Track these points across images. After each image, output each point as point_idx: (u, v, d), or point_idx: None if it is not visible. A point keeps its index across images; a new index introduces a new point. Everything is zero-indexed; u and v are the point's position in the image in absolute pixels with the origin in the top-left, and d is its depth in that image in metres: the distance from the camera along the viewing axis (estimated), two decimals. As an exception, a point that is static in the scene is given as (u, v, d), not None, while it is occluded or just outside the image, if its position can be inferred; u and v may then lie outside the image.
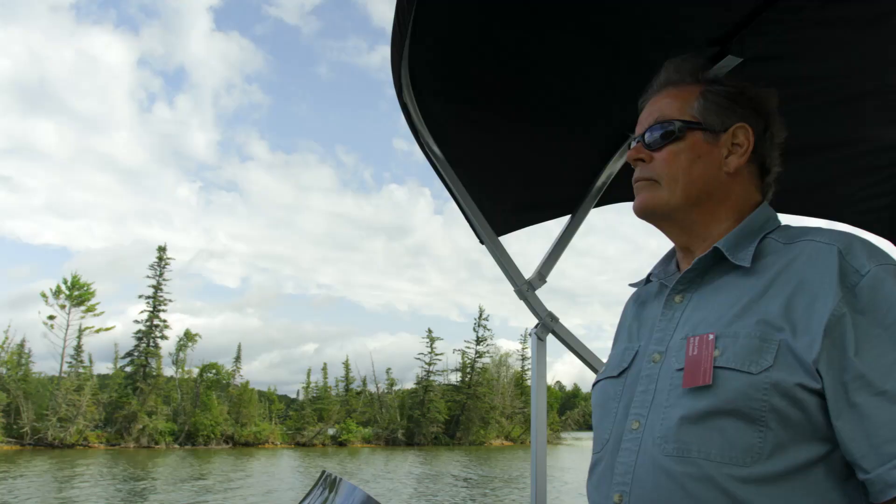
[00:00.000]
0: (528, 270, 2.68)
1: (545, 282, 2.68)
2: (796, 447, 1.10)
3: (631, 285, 1.52)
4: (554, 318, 2.65)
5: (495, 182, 2.62)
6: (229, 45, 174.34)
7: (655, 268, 1.46)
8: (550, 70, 2.04)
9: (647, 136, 1.37)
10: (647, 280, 1.47)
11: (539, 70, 2.04)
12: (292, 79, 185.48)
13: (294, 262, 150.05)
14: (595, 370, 2.64)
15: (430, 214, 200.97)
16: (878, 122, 2.25)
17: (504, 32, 1.87)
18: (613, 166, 2.54)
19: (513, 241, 2.80)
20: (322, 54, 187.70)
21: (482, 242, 2.63)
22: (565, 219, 2.76)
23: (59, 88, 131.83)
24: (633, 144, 1.42)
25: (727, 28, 1.85)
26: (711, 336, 1.17)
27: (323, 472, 1.53)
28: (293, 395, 78.69)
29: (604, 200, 2.72)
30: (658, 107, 1.39)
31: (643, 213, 1.37)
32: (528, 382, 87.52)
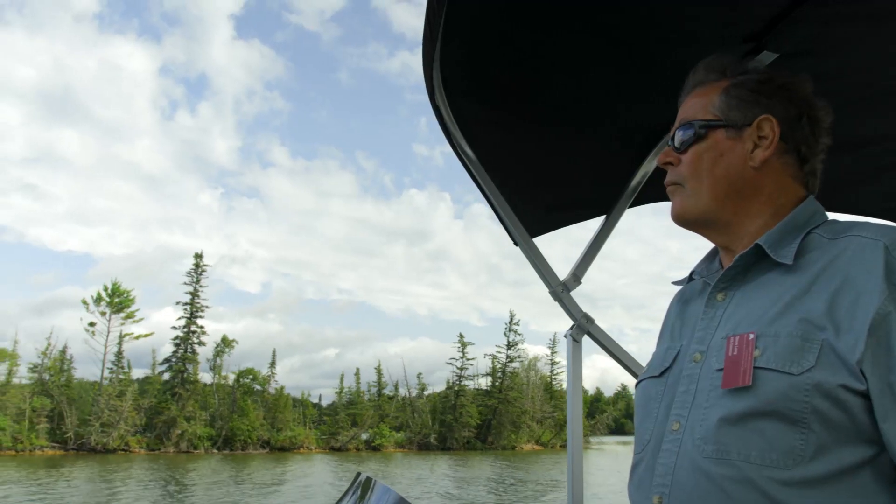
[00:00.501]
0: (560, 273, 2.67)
1: (580, 283, 2.64)
2: (840, 450, 1.06)
3: (674, 283, 1.50)
4: (589, 320, 2.62)
5: (529, 183, 2.60)
6: (250, 52, 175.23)
7: (698, 266, 1.44)
8: (584, 70, 2.02)
9: (675, 139, 1.37)
10: (690, 278, 1.44)
11: (572, 70, 2.02)
12: (312, 85, 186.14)
13: (315, 267, 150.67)
14: (632, 372, 2.62)
15: (451, 219, 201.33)
16: None
17: (537, 32, 1.85)
18: (648, 166, 2.50)
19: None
20: (342, 60, 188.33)
21: (516, 244, 2.61)
22: (599, 219, 2.73)
23: (82, 97, 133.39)
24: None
25: (763, 23, 1.81)
26: (752, 335, 1.15)
27: (358, 473, 1.53)
28: (314, 400, 79.22)
29: (639, 200, 2.69)
30: (684, 109, 1.39)
31: (677, 220, 1.37)
32: (557, 387, 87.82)
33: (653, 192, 2.65)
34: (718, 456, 1.11)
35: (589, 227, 2.78)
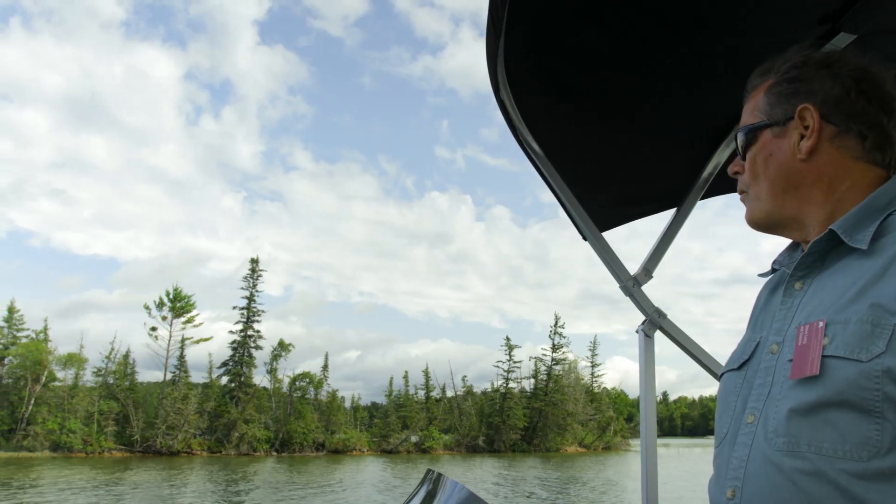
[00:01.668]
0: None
1: (651, 277, 2.60)
2: None
3: (760, 276, 1.47)
4: (662, 315, 2.56)
5: (596, 177, 2.55)
6: (274, 57, 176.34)
7: (780, 255, 1.40)
8: (651, 60, 1.98)
9: (738, 148, 1.37)
10: (773, 269, 1.41)
11: (639, 61, 1.98)
12: (335, 89, 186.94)
13: (336, 270, 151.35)
14: (708, 368, 2.56)
15: (472, 221, 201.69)
16: None
17: (602, 23, 1.82)
18: (720, 156, 2.45)
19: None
20: (365, 65, 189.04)
21: (585, 238, 2.58)
22: (670, 213, 2.68)
23: (109, 103, 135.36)
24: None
25: (839, 3, 1.74)
26: (821, 324, 1.11)
27: (428, 470, 1.53)
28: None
29: (711, 192, 2.63)
30: (742, 118, 1.39)
31: (750, 225, 1.37)
32: (597, 389, 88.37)
33: (725, 183, 2.59)
34: (789, 448, 1.07)
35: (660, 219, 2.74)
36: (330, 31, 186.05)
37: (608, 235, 2.62)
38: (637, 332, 2.61)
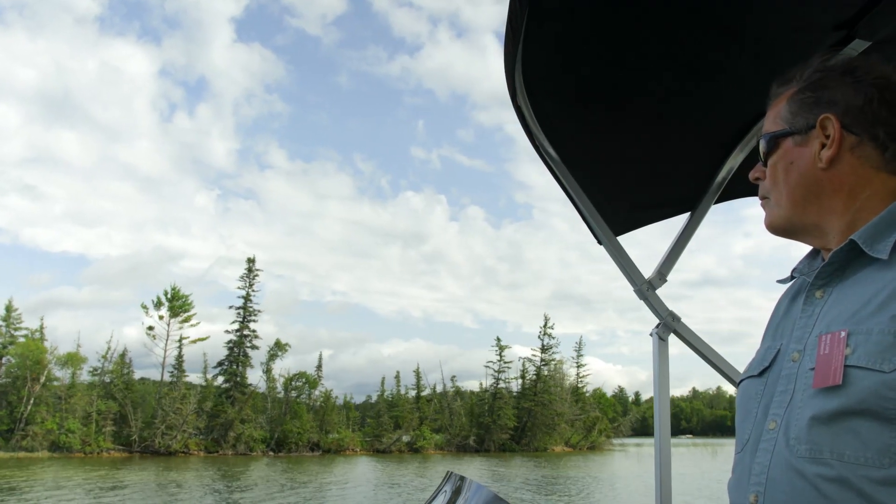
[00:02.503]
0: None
1: (666, 281, 2.62)
2: None
3: (779, 282, 1.47)
4: (676, 318, 2.57)
5: (612, 181, 2.58)
6: (250, 55, 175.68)
7: (800, 263, 1.41)
8: (665, 64, 1.99)
9: (760, 154, 1.39)
10: (792, 276, 1.42)
11: (653, 64, 2.00)
12: (312, 88, 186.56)
13: (310, 268, 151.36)
14: (721, 371, 2.58)
15: (446, 221, 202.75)
16: None
17: (616, 28, 1.84)
18: (734, 160, 2.45)
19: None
20: (342, 64, 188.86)
21: (600, 243, 2.60)
22: (685, 217, 2.70)
23: (82, 99, 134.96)
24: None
25: (855, 9, 1.74)
26: (843, 333, 1.12)
27: (449, 472, 1.53)
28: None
29: (725, 196, 2.65)
30: (765, 125, 1.39)
31: (769, 230, 1.39)
32: (583, 389, 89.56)
33: (739, 187, 2.61)
34: (812, 455, 1.09)
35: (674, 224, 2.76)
36: (308, 29, 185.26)
37: (622, 240, 2.67)
38: (651, 335, 2.62)
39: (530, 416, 78.10)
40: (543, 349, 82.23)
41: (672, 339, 2.61)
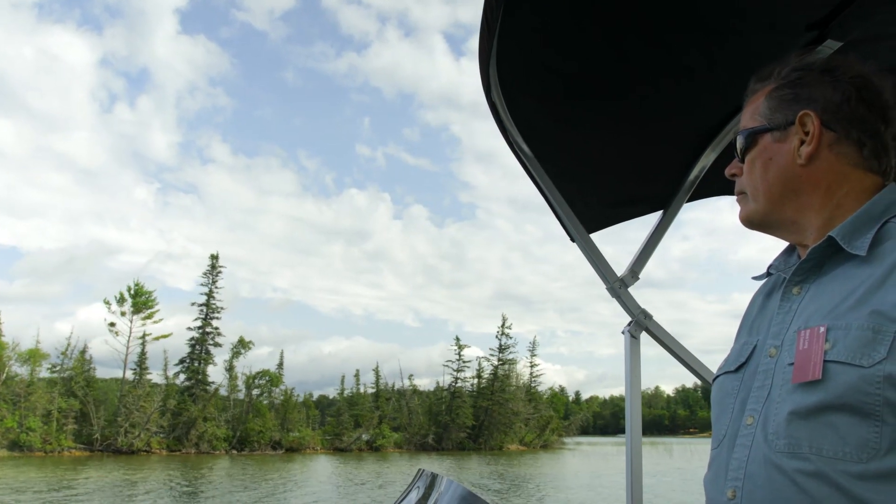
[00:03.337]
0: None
1: (638, 279, 2.62)
2: None
3: (754, 279, 1.47)
4: (648, 316, 2.58)
5: (585, 179, 2.57)
6: (195, 47, 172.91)
7: (776, 260, 1.41)
8: (640, 63, 2.00)
9: (736, 150, 1.38)
10: (768, 273, 1.42)
11: (629, 63, 2.00)
12: (258, 83, 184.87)
13: (251, 265, 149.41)
14: (693, 370, 2.59)
15: (390, 220, 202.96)
16: None
17: (593, 28, 1.84)
18: (706, 160, 2.45)
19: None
20: (289, 59, 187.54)
21: (573, 240, 2.59)
22: (657, 215, 2.70)
23: (17, 86, 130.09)
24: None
25: (826, 10, 1.75)
26: (822, 329, 1.12)
27: (420, 470, 1.52)
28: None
29: (697, 195, 2.65)
30: (741, 121, 1.39)
31: (744, 224, 1.38)
32: (537, 388, 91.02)
33: (711, 186, 2.62)
34: (790, 450, 1.09)
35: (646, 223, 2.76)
36: (254, 23, 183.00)
37: (595, 237, 2.64)
38: (623, 333, 2.61)
39: (487, 415, 79.02)
40: (501, 349, 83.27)
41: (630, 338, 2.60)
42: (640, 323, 2.58)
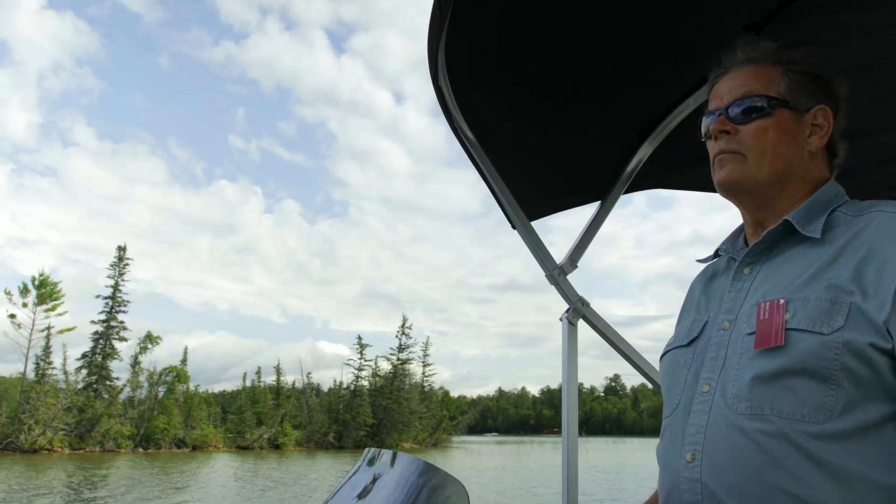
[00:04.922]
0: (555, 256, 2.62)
1: (576, 267, 2.64)
2: (867, 405, 1.12)
3: (699, 261, 1.53)
4: (585, 304, 2.60)
5: (528, 167, 2.61)
6: (62, 24, 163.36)
7: (724, 243, 1.48)
8: (584, 55, 2.05)
9: (731, 109, 1.37)
10: (716, 255, 1.49)
11: (572, 56, 2.04)
12: (129, 66, 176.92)
13: (111, 254, 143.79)
14: (627, 357, 2.65)
15: (260, 213, 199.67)
16: None
17: (540, 19, 1.88)
18: (643, 153, 2.51)
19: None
20: (164, 44, 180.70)
21: (514, 227, 2.59)
22: (595, 205, 2.74)
23: None
24: (711, 119, 1.41)
25: (762, 13, 1.83)
26: (782, 301, 1.20)
27: (367, 449, 1.50)
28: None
29: (633, 187, 2.71)
30: (742, 81, 1.38)
31: (728, 186, 1.38)
32: (427, 388, 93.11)
33: (647, 179, 2.70)
34: (752, 412, 1.16)
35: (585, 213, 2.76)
36: (127, 4, 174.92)
37: (536, 225, 2.64)
38: (561, 320, 2.62)
39: (387, 414, 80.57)
40: (400, 348, 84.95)
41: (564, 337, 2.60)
42: (578, 310, 2.61)
